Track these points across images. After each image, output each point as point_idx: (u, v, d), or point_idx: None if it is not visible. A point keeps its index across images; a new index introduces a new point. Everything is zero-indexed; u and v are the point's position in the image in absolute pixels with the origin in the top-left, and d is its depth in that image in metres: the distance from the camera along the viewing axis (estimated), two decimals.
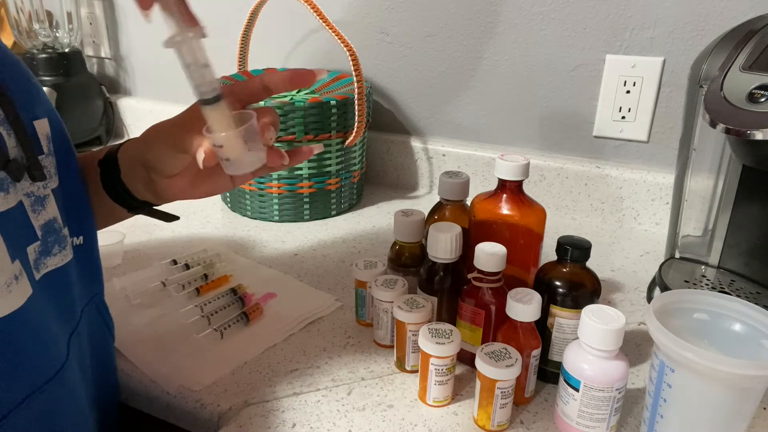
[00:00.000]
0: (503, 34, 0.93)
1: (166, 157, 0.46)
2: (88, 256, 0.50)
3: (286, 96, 0.94)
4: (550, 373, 0.54)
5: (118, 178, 0.50)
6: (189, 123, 0.44)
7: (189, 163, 0.47)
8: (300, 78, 0.44)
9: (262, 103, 0.72)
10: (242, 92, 0.45)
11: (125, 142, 0.51)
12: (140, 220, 0.55)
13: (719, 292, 0.66)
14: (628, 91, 0.87)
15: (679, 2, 0.81)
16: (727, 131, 0.55)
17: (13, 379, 0.38)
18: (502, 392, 0.47)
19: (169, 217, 0.55)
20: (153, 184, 0.49)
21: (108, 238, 0.74)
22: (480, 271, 0.52)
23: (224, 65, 1.04)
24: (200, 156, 0.42)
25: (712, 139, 0.69)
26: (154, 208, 0.53)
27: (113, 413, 0.56)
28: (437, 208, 0.65)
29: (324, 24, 0.83)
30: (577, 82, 0.91)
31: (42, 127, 0.43)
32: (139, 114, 1.32)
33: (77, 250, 0.48)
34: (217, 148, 0.41)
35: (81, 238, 0.49)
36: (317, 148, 0.48)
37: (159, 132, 0.47)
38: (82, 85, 1.21)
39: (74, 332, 0.46)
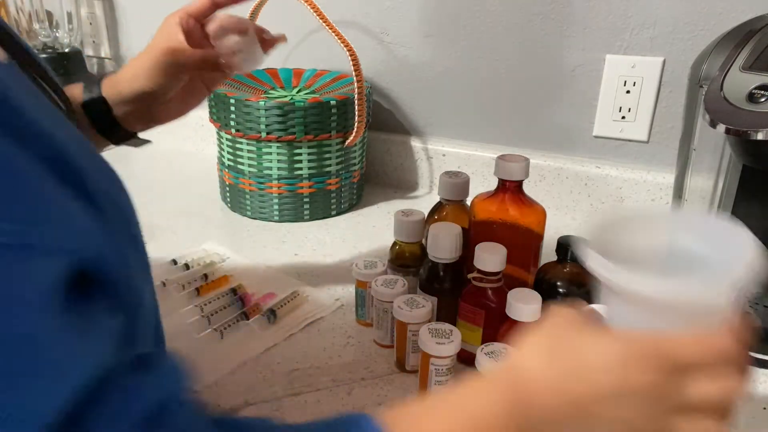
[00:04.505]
0: (503, 34, 0.93)
1: (171, 83, 0.51)
2: None
3: (286, 96, 0.94)
4: None
5: (107, 116, 0.53)
6: (175, 43, 0.50)
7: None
8: None
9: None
10: (196, 12, 0.53)
11: (104, 80, 0.54)
12: (141, 219, 0.55)
13: None
14: (628, 91, 0.87)
15: (679, 2, 0.81)
16: (727, 131, 0.55)
17: None
18: None
19: (145, 142, 0.60)
20: (149, 113, 0.54)
21: None
22: (480, 271, 0.52)
23: None
24: (233, 55, 0.53)
25: (712, 139, 0.69)
26: (138, 137, 0.59)
27: None
28: (437, 208, 0.65)
29: (324, 24, 0.83)
30: (577, 82, 0.90)
31: None
32: None
33: None
34: (237, 52, 0.53)
35: None
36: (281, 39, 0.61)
37: (154, 65, 0.51)
38: None
39: None
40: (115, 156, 0.50)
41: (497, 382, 0.33)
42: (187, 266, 0.73)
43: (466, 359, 0.55)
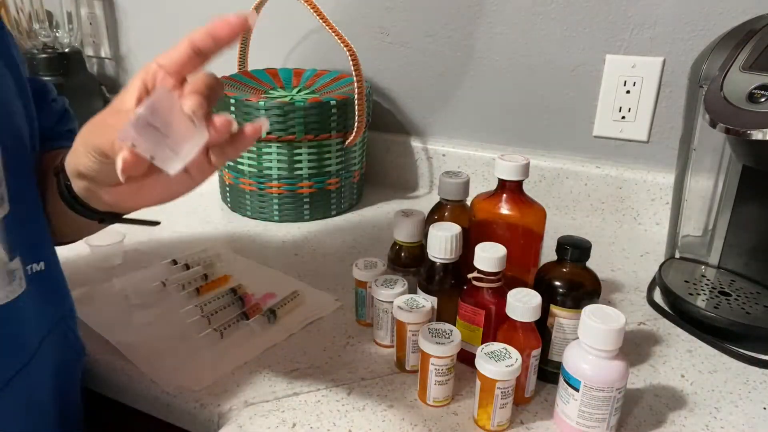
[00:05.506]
0: (503, 34, 0.93)
1: (94, 165, 0.39)
2: (50, 280, 0.48)
3: (286, 96, 0.94)
4: (550, 373, 0.54)
5: (71, 192, 0.44)
6: (103, 122, 0.38)
7: None
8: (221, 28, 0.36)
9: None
10: (172, 64, 0.37)
11: (68, 154, 0.43)
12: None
13: (719, 292, 0.66)
14: (628, 91, 0.87)
15: (679, 2, 0.81)
16: (727, 131, 0.55)
17: None
18: (502, 392, 0.47)
19: (148, 223, 0.50)
20: (97, 194, 0.42)
21: (108, 238, 0.74)
22: (480, 271, 0.52)
23: (224, 65, 1.04)
24: (119, 164, 0.34)
25: (712, 139, 0.69)
26: (124, 217, 0.47)
27: None
28: (437, 208, 0.65)
29: (324, 24, 0.83)
30: (577, 82, 0.90)
31: None
32: None
33: (36, 277, 0.46)
34: (134, 148, 0.34)
35: (42, 263, 0.46)
36: (264, 125, 0.40)
37: (82, 137, 0.40)
38: (82, 85, 1.21)
39: (24, 368, 0.45)
40: None
41: None
42: (187, 266, 0.73)
43: (466, 359, 0.55)
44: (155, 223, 0.51)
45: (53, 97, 0.57)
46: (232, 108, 0.85)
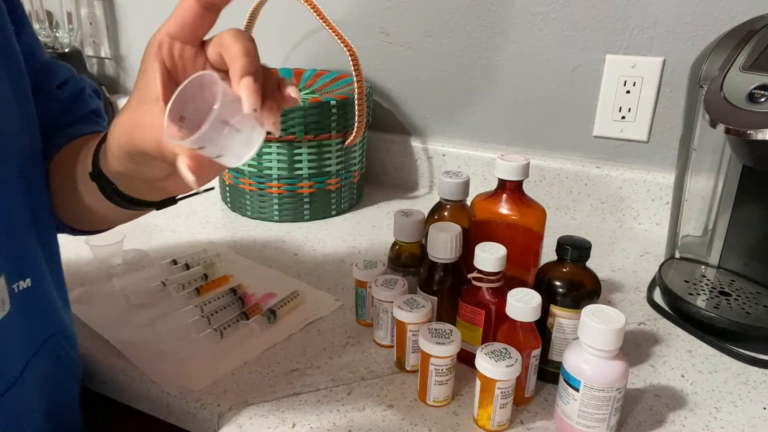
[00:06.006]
0: (503, 34, 0.93)
1: (153, 170, 0.38)
2: (38, 297, 0.46)
3: None
4: (550, 373, 0.54)
5: (114, 189, 0.43)
6: (138, 123, 0.35)
7: None
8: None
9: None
10: (179, 32, 0.34)
11: (101, 155, 0.42)
12: (140, 220, 0.55)
13: (719, 292, 0.66)
14: (628, 91, 0.87)
15: (679, 2, 0.81)
16: (727, 131, 0.55)
17: None
18: (502, 392, 0.47)
19: (203, 192, 0.46)
20: (155, 188, 0.41)
21: (108, 238, 0.73)
22: (480, 271, 0.52)
23: None
24: (186, 174, 0.32)
25: (712, 139, 0.69)
26: (179, 197, 0.45)
27: None
28: (437, 208, 0.65)
29: (324, 24, 0.83)
30: (577, 82, 0.90)
31: None
32: None
33: (22, 295, 0.43)
34: (198, 150, 0.32)
35: (28, 280, 0.44)
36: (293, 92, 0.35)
37: (117, 141, 0.37)
38: None
39: (8, 391, 0.43)
40: None
41: None
42: (187, 266, 0.73)
43: (466, 359, 0.55)
44: (210, 189, 0.49)
45: (61, 82, 0.52)
46: None
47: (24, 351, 0.45)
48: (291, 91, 0.35)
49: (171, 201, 0.45)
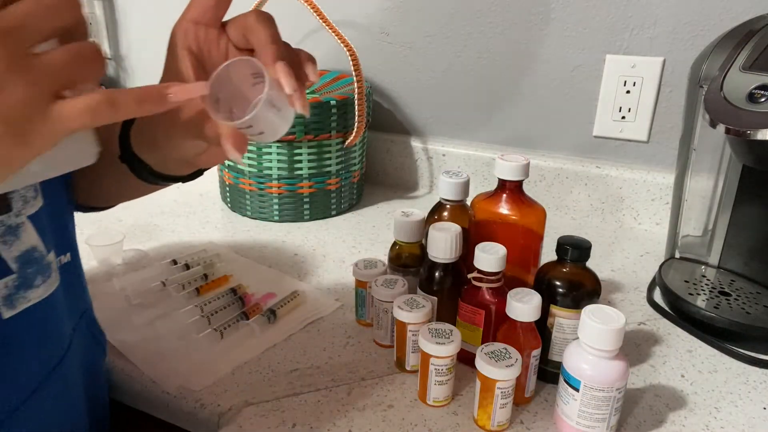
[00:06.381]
0: (503, 34, 0.93)
1: (191, 149, 0.41)
2: (75, 271, 0.48)
3: None
4: (550, 373, 0.54)
5: (148, 169, 0.45)
6: (186, 113, 0.37)
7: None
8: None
9: None
10: (201, 16, 0.36)
11: (131, 136, 0.45)
12: (140, 220, 0.55)
13: (719, 292, 0.66)
14: (628, 91, 0.87)
15: (679, 2, 0.81)
16: (727, 131, 0.55)
17: None
18: (502, 392, 0.47)
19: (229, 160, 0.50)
20: (189, 164, 0.45)
21: (108, 238, 0.74)
22: (480, 271, 0.52)
23: None
24: (230, 151, 0.35)
25: (712, 139, 0.69)
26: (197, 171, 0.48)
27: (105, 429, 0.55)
28: (437, 208, 0.65)
29: (324, 24, 0.83)
30: (577, 82, 0.91)
31: None
32: None
33: (63, 269, 0.45)
34: (245, 129, 0.35)
35: (68, 254, 0.46)
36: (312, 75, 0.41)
37: (167, 131, 0.40)
38: None
39: (60, 363, 0.44)
40: None
41: None
42: (187, 266, 0.73)
43: (466, 359, 0.55)
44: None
45: None
46: None
47: (69, 323, 0.47)
48: (310, 74, 0.40)
49: (199, 173, 0.48)
